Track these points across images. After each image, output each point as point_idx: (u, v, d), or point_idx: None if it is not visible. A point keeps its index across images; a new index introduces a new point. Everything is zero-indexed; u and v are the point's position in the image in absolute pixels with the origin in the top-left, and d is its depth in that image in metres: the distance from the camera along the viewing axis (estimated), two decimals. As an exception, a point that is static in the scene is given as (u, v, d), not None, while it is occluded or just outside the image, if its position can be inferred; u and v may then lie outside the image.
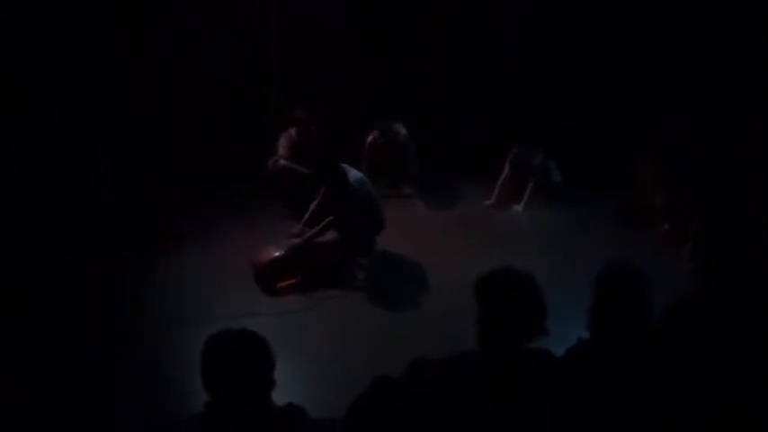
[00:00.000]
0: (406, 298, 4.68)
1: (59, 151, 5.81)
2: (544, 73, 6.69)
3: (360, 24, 6.70)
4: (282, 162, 5.72)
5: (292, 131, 5.78)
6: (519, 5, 6.78)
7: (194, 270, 4.97)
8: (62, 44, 5.86)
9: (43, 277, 4.90)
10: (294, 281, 4.77)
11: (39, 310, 4.56)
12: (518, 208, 6.03)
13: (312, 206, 5.01)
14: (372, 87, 6.64)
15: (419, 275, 4.95)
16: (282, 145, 5.77)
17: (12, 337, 4.24)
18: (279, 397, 2.33)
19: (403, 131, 6.09)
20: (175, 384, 3.64)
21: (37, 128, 5.75)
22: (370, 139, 6.12)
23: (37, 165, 5.70)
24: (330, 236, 4.82)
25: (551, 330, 2.64)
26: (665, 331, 2.37)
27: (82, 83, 6.02)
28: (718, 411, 2.05)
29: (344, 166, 4.89)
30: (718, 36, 5.92)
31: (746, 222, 4.74)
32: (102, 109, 6.09)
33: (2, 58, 5.55)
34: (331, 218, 4.71)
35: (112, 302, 4.67)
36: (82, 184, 5.92)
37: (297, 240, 4.74)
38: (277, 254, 4.79)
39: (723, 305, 2.26)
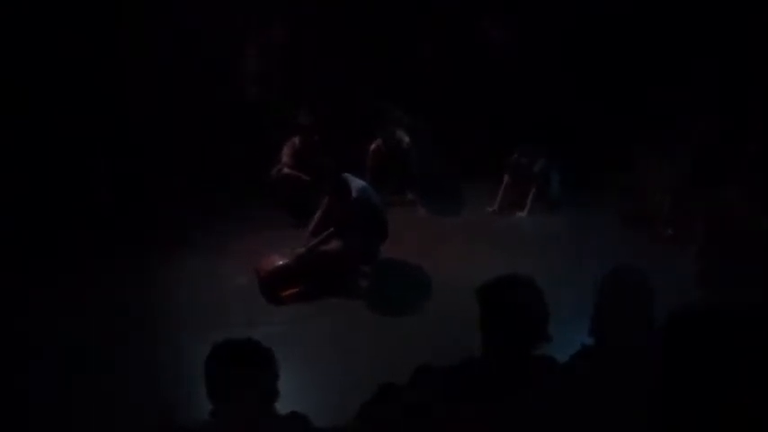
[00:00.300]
0: (409, 305, 4.67)
1: (59, 151, 5.81)
2: (545, 73, 6.67)
3: (360, 24, 6.68)
4: (286, 170, 5.71)
5: (296, 140, 5.77)
6: (519, 5, 6.76)
7: (198, 278, 4.95)
8: (62, 44, 5.85)
9: (43, 278, 4.89)
10: (298, 289, 4.76)
11: (38, 310, 4.56)
12: (521, 214, 6.01)
13: (317, 215, 4.99)
14: (372, 87, 6.62)
15: (422, 282, 4.94)
16: (286, 153, 5.75)
17: (11, 336, 4.25)
18: (283, 405, 2.33)
19: (405, 139, 6.07)
20: (176, 394, 3.64)
21: (37, 128, 5.76)
22: (372, 146, 6.10)
23: (37, 165, 5.70)
24: (334, 244, 4.80)
25: (555, 336, 2.64)
26: (668, 337, 2.37)
27: (82, 83, 6.01)
28: (719, 414, 2.06)
29: (347, 174, 4.88)
30: (718, 36, 5.92)
31: (748, 224, 4.74)
32: (103, 109, 6.09)
33: (2, 58, 5.55)
34: (333, 226, 4.69)
35: (111, 307, 4.64)
36: (82, 184, 5.92)
37: (301, 249, 4.73)
38: (281, 262, 4.78)
39: (727, 309, 2.26)
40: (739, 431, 2.00)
